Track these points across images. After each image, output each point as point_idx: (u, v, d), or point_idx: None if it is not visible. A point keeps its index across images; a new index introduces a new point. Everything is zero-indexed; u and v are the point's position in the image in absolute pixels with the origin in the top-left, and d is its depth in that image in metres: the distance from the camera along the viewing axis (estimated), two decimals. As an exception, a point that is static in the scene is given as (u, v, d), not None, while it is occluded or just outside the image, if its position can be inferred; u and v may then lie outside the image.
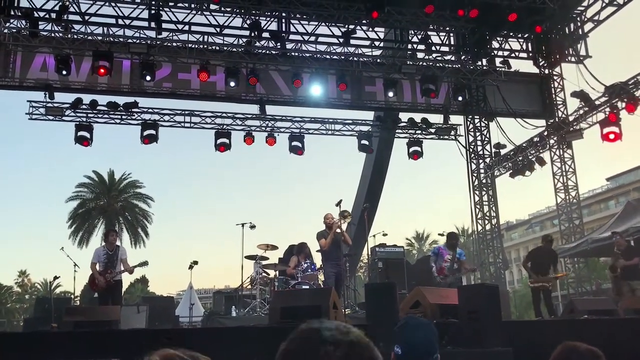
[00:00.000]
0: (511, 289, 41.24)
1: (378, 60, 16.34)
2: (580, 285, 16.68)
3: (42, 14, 13.92)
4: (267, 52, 15.46)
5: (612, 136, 14.21)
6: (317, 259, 11.41)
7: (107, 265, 10.11)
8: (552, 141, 16.96)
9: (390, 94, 15.67)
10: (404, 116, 17.11)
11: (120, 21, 14.46)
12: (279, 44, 15.13)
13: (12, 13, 14.00)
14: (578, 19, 16.31)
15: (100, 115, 15.44)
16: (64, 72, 13.73)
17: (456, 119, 17.89)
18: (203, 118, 16.17)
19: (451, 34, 17.06)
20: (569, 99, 16.62)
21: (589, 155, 61.53)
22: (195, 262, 12.23)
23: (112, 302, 9.88)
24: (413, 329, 2.59)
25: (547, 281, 11.01)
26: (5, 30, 13.98)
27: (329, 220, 10.58)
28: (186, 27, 14.84)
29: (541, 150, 16.90)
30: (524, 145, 17.01)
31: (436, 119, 17.22)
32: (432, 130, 17.27)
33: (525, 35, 17.24)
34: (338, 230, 10.43)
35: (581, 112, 15.63)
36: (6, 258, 79.81)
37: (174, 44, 14.76)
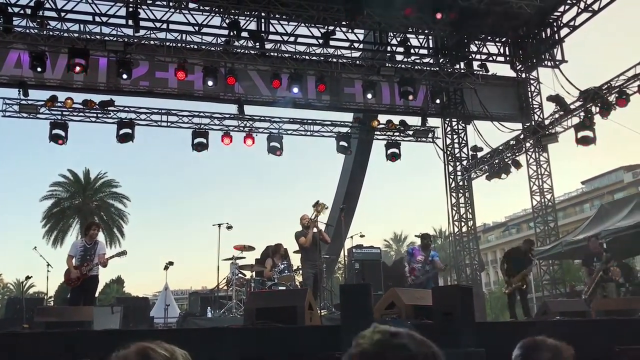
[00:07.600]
0: (487, 291, 41.72)
1: (357, 62, 16.38)
2: (555, 287, 16.88)
3: (16, 9, 13.66)
4: (246, 51, 15.38)
5: (586, 140, 14.44)
6: (294, 261, 11.41)
7: (84, 259, 9.58)
8: (528, 144, 17.15)
9: (369, 96, 15.73)
10: (382, 118, 17.19)
11: (97, 18, 14.25)
12: (258, 43, 15.07)
13: (-14, 8, 13.76)
14: (554, 24, 16.50)
15: (75, 114, 15.24)
16: (39, 69, 13.50)
17: (434, 122, 18.04)
18: (180, 117, 16.06)
19: (430, 37, 17.19)
20: (545, 102, 16.87)
21: (565, 159, 62.48)
22: (171, 263, 12.13)
23: (85, 300, 9.41)
24: None
25: (519, 280, 11.03)
26: (-22, 26, 13.70)
27: (306, 221, 10.59)
28: (164, 26, 14.69)
29: (517, 153, 17.10)
30: (501, 148, 17.19)
31: (414, 121, 17.37)
32: (410, 133, 17.40)
33: (503, 39, 17.45)
34: (315, 230, 10.45)
35: (556, 116, 15.85)
36: (-22, 258, 78.40)
37: (152, 42, 14.62)
